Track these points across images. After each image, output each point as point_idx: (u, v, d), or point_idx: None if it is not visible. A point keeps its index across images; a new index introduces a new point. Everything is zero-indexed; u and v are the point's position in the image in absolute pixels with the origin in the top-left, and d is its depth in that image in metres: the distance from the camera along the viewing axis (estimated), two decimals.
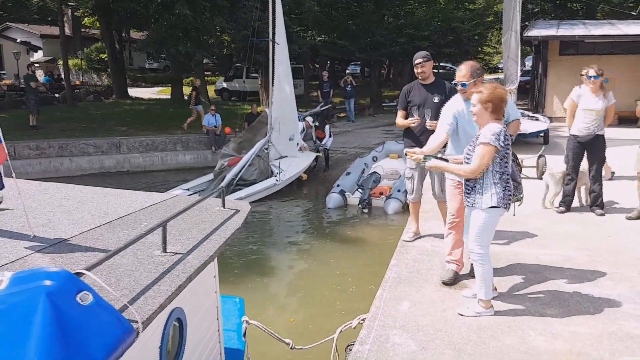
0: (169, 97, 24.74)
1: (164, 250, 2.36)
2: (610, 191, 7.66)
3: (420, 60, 5.46)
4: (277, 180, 11.81)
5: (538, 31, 17.53)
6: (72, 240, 2.47)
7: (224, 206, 3.20)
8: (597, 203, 6.87)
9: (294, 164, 12.69)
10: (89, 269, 1.79)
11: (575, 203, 7.10)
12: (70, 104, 21.14)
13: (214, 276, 3.07)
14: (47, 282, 1.55)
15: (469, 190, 3.89)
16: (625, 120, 15.77)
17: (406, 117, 5.63)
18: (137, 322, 1.76)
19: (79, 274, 1.70)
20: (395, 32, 24.47)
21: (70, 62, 25.97)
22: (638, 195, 6.55)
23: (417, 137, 5.47)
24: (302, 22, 22.37)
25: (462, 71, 4.54)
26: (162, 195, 3.43)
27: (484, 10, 29.50)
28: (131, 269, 2.17)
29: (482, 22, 28.21)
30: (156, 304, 1.89)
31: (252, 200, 10.69)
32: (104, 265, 2.06)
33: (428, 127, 5.34)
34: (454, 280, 4.61)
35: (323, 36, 26.00)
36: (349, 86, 21.53)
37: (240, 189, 11.30)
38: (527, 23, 18.58)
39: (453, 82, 4.75)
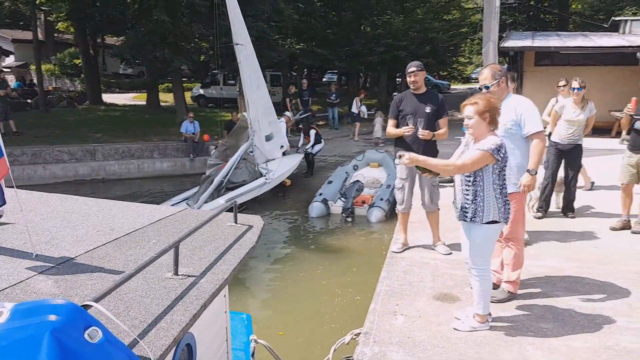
0: (144, 103, 24.39)
1: (176, 272, 2.22)
2: (591, 201, 7.77)
3: (414, 69, 5.46)
4: (266, 179, 11.77)
5: (514, 42, 17.75)
6: (77, 259, 2.31)
7: (235, 221, 3.04)
8: (569, 207, 7.16)
9: (281, 164, 12.68)
10: (97, 300, 1.64)
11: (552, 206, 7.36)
12: (43, 110, 20.67)
13: (224, 295, 2.93)
14: (52, 317, 1.39)
15: (468, 203, 3.76)
16: (599, 130, 16.06)
17: (397, 127, 5.61)
18: (149, 359, 1.63)
19: (86, 307, 1.55)
20: (373, 41, 24.62)
21: (43, 67, 25.42)
22: (622, 206, 6.65)
23: (409, 145, 5.42)
24: (281, 30, 22.32)
25: (484, 74, 4.50)
26: (170, 209, 3.27)
27: (459, 21, 29.93)
28: (141, 294, 2.02)
29: (458, 33, 28.60)
30: (169, 337, 1.75)
31: (243, 201, 10.66)
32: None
33: (420, 137, 5.33)
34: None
35: (302, 44, 26.01)
36: (334, 95, 21.55)
37: (230, 191, 11.23)
38: (502, 34, 18.82)
39: (478, 86, 4.65)
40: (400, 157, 3.75)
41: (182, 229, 2.83)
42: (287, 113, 16.66)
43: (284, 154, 13.66)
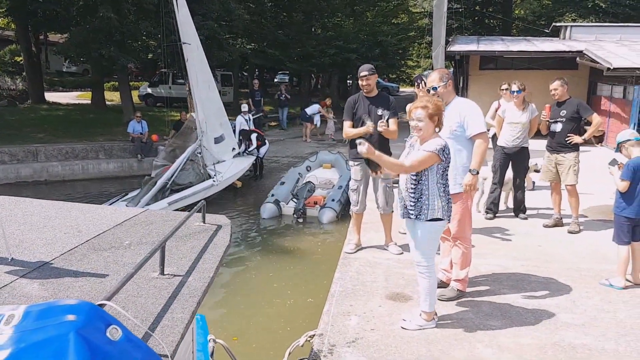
0: (89, 102, 23.65)
1: (162, 272, 2.21)
2: (533, 200, 8.04)
3: (365, 73, 5.54)
4: (214, 181, 11.53)
5: (460, 46, 18.18)
6: (55, 263, 2.26)
7: (204, 221, 3.03)
8: (520, 208, 7.40)
9: (232, 166, 12.49)
10: (109, 298, 1.61)
11: (501, 207, 7.63)
12: None
13: None
14: (71, 317, 1.34)
15: (413, 201, 3.85)
16: (540, 131, 16.69)
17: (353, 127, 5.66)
18: (167, 356, 1.60)
19: (101, 306, 1.51)
20: (324, 43, 24.74)
21: None
22: (552, 203, 6.98)
23: None
24: (232, 30, 22.08)
25: (432, 76, 4.71)
26: (132, 210, 3.23)
27: (407, 25, 30.44)
28: (133, 294, 1.99)
29: (406, 37, 29.07)
30: (177, 334, 1.73)
31: (189, 203, 10.41)
32: (102, 291, 1.93)
33: (379, 128, 5.40)
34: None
35: (253, 44, 25.84)
36: (283, 95, 21.51)
37: (175, 193, 10.97)
38: (449, 39, 19.28)
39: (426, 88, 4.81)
40: (360, 143, 3.77)
41: (150, 229, 2.82)
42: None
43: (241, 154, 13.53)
